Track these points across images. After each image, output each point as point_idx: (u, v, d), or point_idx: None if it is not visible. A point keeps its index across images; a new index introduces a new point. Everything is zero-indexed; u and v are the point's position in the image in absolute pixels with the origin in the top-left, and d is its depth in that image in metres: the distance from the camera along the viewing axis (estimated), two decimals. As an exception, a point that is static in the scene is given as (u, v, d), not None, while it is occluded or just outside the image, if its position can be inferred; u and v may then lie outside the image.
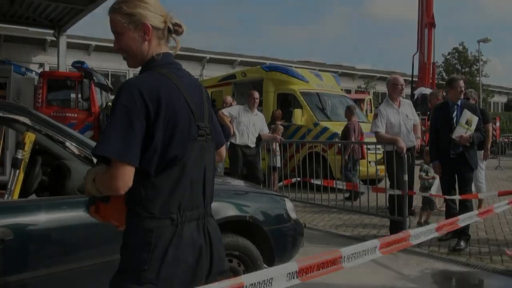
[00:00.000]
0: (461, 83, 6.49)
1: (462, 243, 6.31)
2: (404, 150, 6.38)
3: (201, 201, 2.11)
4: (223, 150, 2.45)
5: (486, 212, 4.16)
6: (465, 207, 6.35)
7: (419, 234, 2.85)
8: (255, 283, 1.89)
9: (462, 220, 3.46)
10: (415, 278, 5.20)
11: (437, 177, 7.14)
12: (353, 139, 10.16)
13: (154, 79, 2.04)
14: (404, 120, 6.75)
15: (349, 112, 10.96)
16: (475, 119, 6.34)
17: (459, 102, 6.52)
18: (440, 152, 6.53)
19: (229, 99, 11.17)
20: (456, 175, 6.53)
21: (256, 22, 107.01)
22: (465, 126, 6.30)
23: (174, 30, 2.15)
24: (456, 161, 6.40)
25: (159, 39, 2.13)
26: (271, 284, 1.92)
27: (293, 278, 2.01)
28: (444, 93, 10.33)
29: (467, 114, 6.34)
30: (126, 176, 1.92)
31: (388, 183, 7.17)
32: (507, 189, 9.76)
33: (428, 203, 7.63)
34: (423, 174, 7.62)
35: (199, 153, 2.10)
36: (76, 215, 3.17)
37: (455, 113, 6.48)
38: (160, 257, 1.97)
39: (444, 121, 6.52)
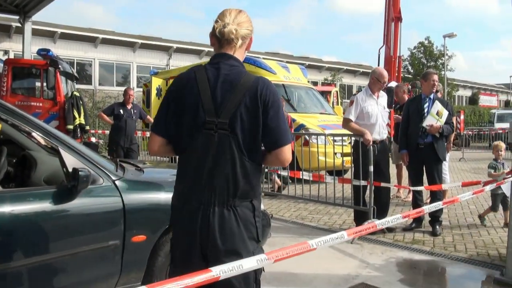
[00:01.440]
0: (435, 77, 6.71)
1: (438, 228, 6.59)
2: (370, 143, 6.42)
3: (208, 191, 2.30)
4: (280, 152, 2.38)
5: (451, 201, 4.27)
6: (436, 196, 6.53)
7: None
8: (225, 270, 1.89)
9: (428, 209, 3.55)
10: (380, 267, 5.26)
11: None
12: None
13: (186, 71, 2.47)
14: (382, 111, 6.74)
15: None
16: (445, 112, 6.50)
17: (431, 96, 6.69)
18: (409, 142, 6.66)
19: None
20: (424, 166, 6.68)
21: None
22: (436, 117, 6.45)
23: (217, 36, 2.44)
24: (424, 152, 6.54)
25: (218, 43, 2.44)
26: (242, 266, 1.93)
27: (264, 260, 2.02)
28: (409, 86, 10.51)
29: (438, 106, 6.49)
30: (151, 142, 2.49)
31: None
32: (471, 180, 10.01)
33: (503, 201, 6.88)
34: (492, 171, 6.97)
35: (204, 144, 2.31)
36: (43, 206, 3.13)
37: (426, 104, 6.67)
38: (173, 225, 2.50)
39: (416, 112, 6.68)
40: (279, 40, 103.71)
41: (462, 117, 25.54)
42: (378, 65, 24.55)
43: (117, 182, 3.47)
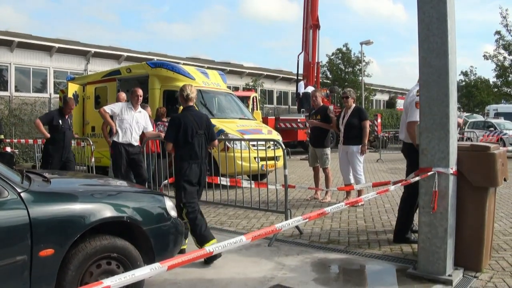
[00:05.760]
0: None
1: None
2: None
3: (200, 156, 5.78)
4: (215, 142, 6.22)
5: (355, 201, 4.44)
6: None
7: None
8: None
9: (330, 210, 3.68)
10: (295, 268, 5.39)
11: None
12: None
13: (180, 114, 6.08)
14: None
15: None
16: None
17: None
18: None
19: (123, 95, 10.51)
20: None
21: (143, 17, 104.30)
22: None
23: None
24: None
25: (185, 101, 5.90)
26: (134, 274, 1.94)
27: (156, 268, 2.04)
28: (328, 92, 10.81)
29: None
30: (169, 145, 5.86)
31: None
32: (387, 179, 10.44)
33: None
34: None
35: (197, 142, 5.72)
36: None
37: None
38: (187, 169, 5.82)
39: None
40: (201, 45, 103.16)
41: (379, 120, 26.61)
42: (297, 71, 25.10)
43: (22, 194, 3.39)
